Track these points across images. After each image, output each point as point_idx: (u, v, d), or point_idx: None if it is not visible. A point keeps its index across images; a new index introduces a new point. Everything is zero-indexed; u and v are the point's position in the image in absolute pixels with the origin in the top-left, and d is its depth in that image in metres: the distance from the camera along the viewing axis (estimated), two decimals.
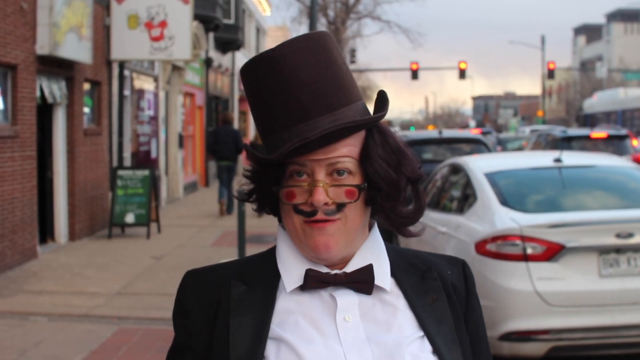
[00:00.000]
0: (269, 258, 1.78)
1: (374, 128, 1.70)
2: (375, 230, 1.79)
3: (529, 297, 6.41)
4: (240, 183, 1.83)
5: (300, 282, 1.69)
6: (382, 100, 1.75)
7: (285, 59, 1.64)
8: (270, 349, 1.64)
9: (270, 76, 1.65)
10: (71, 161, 14.36)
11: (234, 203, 18.28)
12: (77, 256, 12.90)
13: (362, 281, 1.69)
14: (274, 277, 1.73)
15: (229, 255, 12.16)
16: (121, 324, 8.65)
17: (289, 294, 1.70)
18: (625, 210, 7.03)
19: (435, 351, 1.67)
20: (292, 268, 1.72)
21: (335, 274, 1.70)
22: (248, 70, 1.70)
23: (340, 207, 1.65)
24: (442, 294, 1.77)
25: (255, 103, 1.70)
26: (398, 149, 1.71)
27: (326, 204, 1.64)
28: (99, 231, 15.69)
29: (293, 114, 1.64)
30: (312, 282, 1.68)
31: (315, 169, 1.64)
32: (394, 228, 1.77)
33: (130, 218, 15.16)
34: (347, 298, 1.69)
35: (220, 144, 18.90)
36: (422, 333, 1.69)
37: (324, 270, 1.70)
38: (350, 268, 1.71)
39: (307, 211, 1.65)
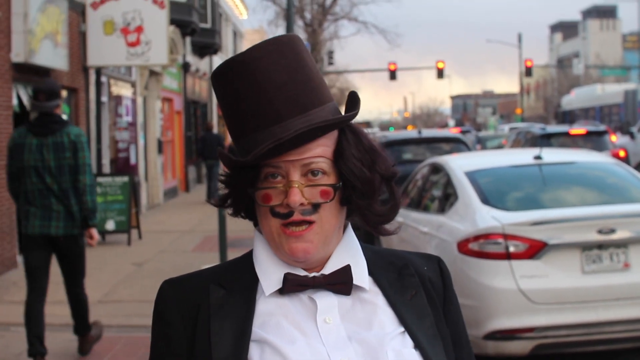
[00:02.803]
0: (246, 262, 1.77)
1: (346, 128, 1.71)
2: (350, 230, 1.79)
3: (513, 295, 6.40)
4: (218, 188, 1.83)
5: (279, 286, 1.69)
6: (353, 100, 1.76)
7: (256, 62, 1.65)
8: (254, 351, 1.63)
9: (242, 79, 1.65)
10: None
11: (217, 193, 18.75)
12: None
13: (341, 282, 1.70)
14: (253, 281, 1.73)
15: (211, 260, 12.08)
16: (103, 333, 8.56)
17: (268, 297, 1.70)
18: (606, 206, 7.03)
19: (417, 346, 1.68)
20: (270, 272, 1.72)
21: (314, 276, 1.70)
22: (220, 75, 1.70)
23: (315, 207, 1.65)
24: (421, 289, 1.78)
25: (227, 106, 1.70)
26: (371, 148, 1.72)
27: (302, 204, 1.64)
28: None
29: (266, 116, 1.64)
30: (291, 286, 1.68)
31: (290, 170, 1.65)
32: (370, 227, 1.77)
33: (110, 225, 15.08)
34: (326, 300, 1.69)
35: (207, 147, 23.08)
36: (402, 329, 1.69)
37: (302, 273, 1.70)
38: (328, 270, 1.71)
39: (284, 213, 1.65)
